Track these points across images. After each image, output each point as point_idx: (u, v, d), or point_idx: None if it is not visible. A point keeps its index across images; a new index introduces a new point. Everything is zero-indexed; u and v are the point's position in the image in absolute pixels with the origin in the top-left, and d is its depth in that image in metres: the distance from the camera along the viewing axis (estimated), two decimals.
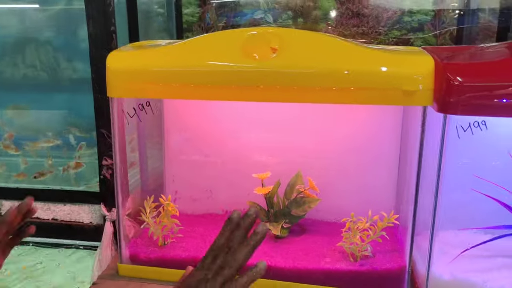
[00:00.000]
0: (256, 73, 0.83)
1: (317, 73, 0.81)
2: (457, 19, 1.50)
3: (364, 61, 0.81)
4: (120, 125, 0.91)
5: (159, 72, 0.85)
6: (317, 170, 1.07)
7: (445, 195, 0.85)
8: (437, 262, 0.88)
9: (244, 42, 0.84)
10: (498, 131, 0.82)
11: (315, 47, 0.84)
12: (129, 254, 0.99)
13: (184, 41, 0.90)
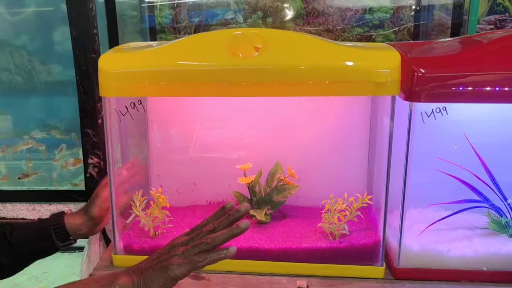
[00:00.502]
0: (241, 70, 0.90)
1: (296, 68, 0.89)
2: (413, 16, 1.62)
3: (340, 57, 0.89)
4: (112, 123, 0.96)
5: (150, 72, 0.91)
6: (295, 159, 1.15)
7: (412, 176, 0.95)
8: (407, 236, 0.99)
9: (229, 42, 0.91)
10: (456, 115, 0.93)
11: (294, 45, 0.92)
12: (122, 245, 1.04)
13: (173, 42, 0.96)
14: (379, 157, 1.07)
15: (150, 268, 0.70)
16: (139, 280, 0.69)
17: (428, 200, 1.05)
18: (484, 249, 0.97)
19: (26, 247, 0.98)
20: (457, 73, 0.86)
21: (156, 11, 1.63)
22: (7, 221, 1.28)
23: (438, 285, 0.95)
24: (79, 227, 1.01)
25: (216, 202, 1.24)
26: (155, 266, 0.70)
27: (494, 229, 1.03)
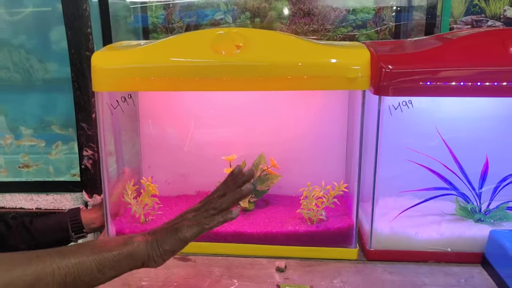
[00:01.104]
0: (223, 67, 0.97)
1: (275, 65, 0.96)
2: (394, 17, 1.69)
3: (315, 54, 0.97)
4: (104, 116, 1.03)
5: (139, 68, 0.99)
6: (277, 151, 1.22)
7: (382, 166, 1.03)
8: (379, 221, 1.06)
9: (213, 40, 0.99)
10: (420, 108, 1.01)
11: (273, 43, 1.00)
12: (115, 230, 1.11)
13: (161, 40, 1.04)
14: (354, 148, 1.15)
15: (162, 230, 0.77)
16: (152, 240, 0.75)
17: (401, 189, 1.13)
18: (450, 232, 1.05)
19: (44, 237, 1.08)
20: (422, 68, 0.94)
21: (149, 11, 1.70)
22: (6, 210, 1.35)
23: (407, 265, 1.03)
24: (93, 220, 1.14)
25: (204, 191, 1.31)
26: (168, 229, 0.77)
27: (461, 215, 1.11)
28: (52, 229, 1.10)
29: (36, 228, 1.09)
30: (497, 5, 1.63)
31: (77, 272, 0.67)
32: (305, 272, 1.00)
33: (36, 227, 1.09)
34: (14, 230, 1.07)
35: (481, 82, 0.94)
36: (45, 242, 1.09)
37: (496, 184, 1.10)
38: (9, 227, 1.07)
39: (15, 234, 1.06)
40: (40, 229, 1.09)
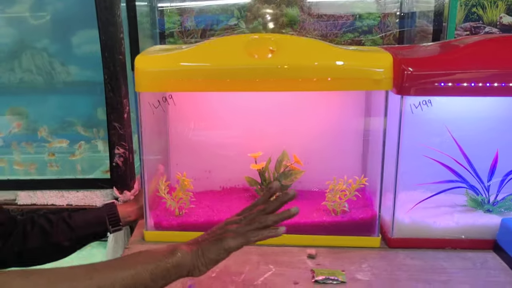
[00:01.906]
0: (257, 69, 1.06)
1: (306, 67, 1.05)
2: (398, 23, 1.80)
3: (343, 58, 1.06)
4: (145, 115, 1.11)
5: (180, 70, 1.06)
6: (298, 148, 1.31)
7: (403, 161, 1.12)
8: (399, 212, 1.15)
9: (247, 44, 1.07)
10: (440, 108, 1.11)
11: (303, 48, 1.09)
12: (153, 222, 1.18)
13: (199, 44, 1.12)
14: (373, 145, 1.24)
15: (206, 240, 0.81)
16: (197, 249, 0.78)
17: (417, 182, 1.22)
18: (464, 221, 1.14)
19: (83, 231, 1.12)
20: (440, 71, 1.03)
21: (166, 17, 1.77)
22: (38, 207, 1.41)
23: (426, 251, 1.12)
24: (129, 214, 1.20)
25: (228, 187, 1.39)
26: (212, 239, 0.80)
27: (472, 206, 1.21)
28: (91, 224, 1.15)
29: (76, 223, 1.13)
30: (493, 13, 1.75)
31: (133, 283, 0.70)
32: (334, 258, 1.09)
33: (75, 222, 1.13)
34: (56, 227, 1.10)
35: (492, 83, 1.04)
36: (85, 236, 1.14)
37: (502, 177, 1.20)
38: (51, 223, 1.11)
39: (58, 231, 1.10)
40: (79, 224, 1.13)
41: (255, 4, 1.77)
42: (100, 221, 1.16)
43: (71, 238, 1.12)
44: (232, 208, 1.24)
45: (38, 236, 1.07)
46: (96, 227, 1.16)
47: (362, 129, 1.32)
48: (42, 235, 1.08)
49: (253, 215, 0.84)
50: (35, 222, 1.09)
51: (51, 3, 1.63)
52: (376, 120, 1.22)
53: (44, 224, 1.10)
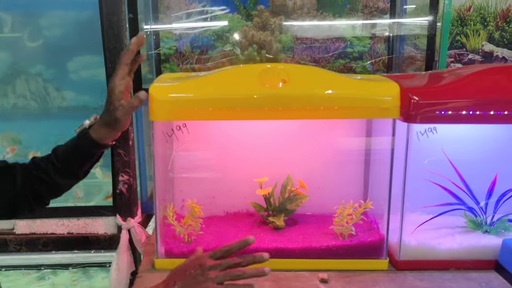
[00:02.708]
0: (269, 98, 1.09)
1: (317, 96, 1.09)
2: (387, 50, 1.87)
3: (352, 88, 1.10)
4: (159, 144, 1.11)
5: (194, 99, 1.08)
6: (302, 174, 1.34)
7: (408, 185, 1.16)
8: (405, 234, 1.19)
9: (260, 74, 1.10)
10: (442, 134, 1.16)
11: (313, 78, 1.13)
12: (164, 250, 1.18)
13: (211, 73, 1.14)
14: (377, 169, 1.29)
15: (188, 287, 0.83)
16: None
17: (418, 205, 1.26)
18: (466, 242, 1.19)
19: (73, 166, 1.04)
20: (446, 100, 1.09)
21: (162, 42, 1.79)
22: (37, 236, 1.38)
23: (432, 273, 1.16)
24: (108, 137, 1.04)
25: (232, 212, 1.40)
26: (194, 286, 0.83)
27: (471, 227, 1.26)
28: (75, 159, 1.04)
29: (62, 163, 1.03)
30: (476, 41, 1.85)
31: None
32: (345, 282, 1.11)
33: (61, 161, 1.03)
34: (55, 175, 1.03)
35: (491, 111, 1.10)
36: (79, 167, 1.06)
37: (497, 198, 1.26)
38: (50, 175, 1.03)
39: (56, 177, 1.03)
40: (66, 161, 1.03)
41: (250, 31, 1.81)
42: (86, 154, 1.04)
43: (76, 176, 1.07)
44: (241, 233, 1.25)
45: (46, 188, 1.04)
46: (87, 158, 1.05)
47: (363, 155, 1.36)
48: (49, 186, 1.04)
49: (230, 264, 0.87)
50: (35, 177, 1.03)
51: (48, 28, 1.62)
52: (380, 146, 1.26)
53: (45, 178, 1.03)
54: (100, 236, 1.40)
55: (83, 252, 1.41)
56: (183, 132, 1.17)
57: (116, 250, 1.35)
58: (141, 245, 1.37)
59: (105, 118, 1.02)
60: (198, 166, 1.36)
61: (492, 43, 1.85)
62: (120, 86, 0.99)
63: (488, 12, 1.82)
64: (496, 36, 1.84)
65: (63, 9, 1.62)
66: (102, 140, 1.02)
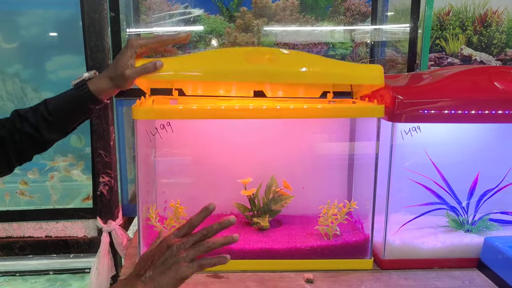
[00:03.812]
0: (253, 72, 1.08)
1: (303, 73, 1.08)
2: (369, 53, 1.89)
3: (340, 67, 1.12)
4: (142, 142, 1.09)
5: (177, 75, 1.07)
6: (286, 174, 1.33)
7: (392, 185, 1.16)
8: (388, 234, 1.20)
9: (245, 53, 1.09)
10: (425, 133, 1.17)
11: (300, 58, 1.12)
12: None
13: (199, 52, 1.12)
14: (362, 169, 1.29)
15: (160, 274, 0.77)
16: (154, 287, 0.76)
17: (401, 205, 1.27)
18: (449, 241, 1.20)
19: (65, 120, 1.03)
20: (426, 99, 1.10)
21: None
22: (14, 239, 1.34)
23: (416, 272, 1.16)
24: (106, 92, 1.04)
25: (216, 214, 1.38)
26: (166, 271, 0.77)
27: (453, 227, 1.27)
28: (70, 112, 1.04)
29: (54, 116, 1.02)
30: (455, 45, 1.88)
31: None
32: (331, 282, 1.11)
33: (54, 114, 1.01)
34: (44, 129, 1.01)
35: (473, 111, 1.11)
36: (71, 122, 1.06)
37: (478, 198, 1.27)
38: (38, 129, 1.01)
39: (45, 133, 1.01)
40: (58, 115, 1.02)
41: (233, 33, 1.80)
42: (81, 108, 1.04)
43: (64, 131, 1.06)
44: (223, 234, 1.23)
45: (32, 143, 1.01)
46: (80, 113, 1.05)
47: (347, 154, 1.36)
48: (36, 141, 1.01)
49: (196, 238, 0.82)
50: (20, 131, 1.00)
51: (26, 27, 1.58)
52: (364, 145, 1.27)
53: (33, 132, 1.01)
54: (79, 240, 1.36)
55: (61, 257, 1.36)
56: (167, 131, 1.15)
57: (97, 253, 1.32)
58: (123, 248, 1.34)
59: (109, 72, 1.03)
60: (182, 166, 1.34)
61: (470, 47, 1.89)
62: (141, 43, 1.02)
63: (466, 16, 1.86)
64: (475, 40, 1.88)
65: (43, 8, 1.59)
66: (100, 94, 1.02)
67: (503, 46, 1.88)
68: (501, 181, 1.25)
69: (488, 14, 1.85)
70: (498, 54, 1.88)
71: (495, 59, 1.90)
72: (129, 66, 1.01)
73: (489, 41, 1.87)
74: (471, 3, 1.85)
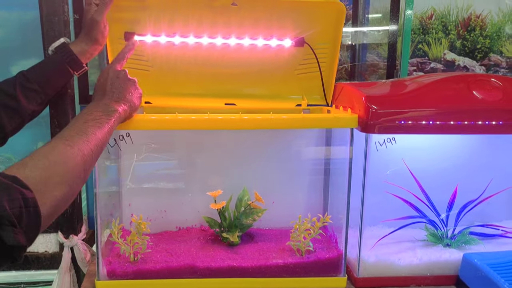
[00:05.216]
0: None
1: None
2: (350, 58, 1.84)
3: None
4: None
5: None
6: (258, 186, 1.27)
7: (368, 197, 1.11)
8: (363, 250, 1.14)
9: None
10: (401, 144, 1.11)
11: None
12: (106, 271, 1.08)
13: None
14: (336, 181, 1.23)
15: None
16: None
17: (377, 219, 1.21)
18: (427, 257, 1.14)
19: (51, 89, 1.07)
20: (401, 109, 1.04)
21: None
22: None
23: None
24: (85, 53, 1.08)
25: (185, 228, 1.32)
26: None
27: (432, 241, 1.22)
28: (55, 79, 1.09)
29: (41, 86, 1.05)
30: (438, 49, 1.83)
31: None
32: None
33: (40, 84, 1.04)
34: (22, 99, 1.01)
35: (451, 121, 1.06)
36: (55, 91, 1.09)
37: (458, 210, 1.22)
38: (16, 99, 1.00)
39: (27, 102, 1.02)
40: (45, 84, 1.06)
41: None
42: (63, 73, 1.08)
43: (43, 101, 1.06)
44: (192, 251, 1.17)
45: (8, 116, 0.99)
46: (61, 79, 1.09)
47: (323, 166, 1.30)
48: (13, 113, 1.00)
49: None
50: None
51: None
52: (338, 156, 1.21)
53: (9, 102, 1.00)
54: (40, 255, 1.29)
55: (21, 271, 1.29)
56: (126, 142, 1.09)
57: (58, 269, 1.25)
58: (86, 264, 1.27)
59: (83, 31, 1.08)
60: (149, 177, 1.27)
61: (454, 51, 1.84)
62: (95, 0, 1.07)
63: (449, 20, 1.81)
64: (458, 45, 1.83)
65: (6, 9, 1.51)
66: (81, 54, 1.07)
67: (487, 51, 1.83)
68: (482, 193, 1.20)
69: (472, 18, 1.81)
70: (482, 59, 1.84)
71: (479, 64, 1.85)
72: (94, 10, 1.06)
73: (472, 45, 1.82)
74: (454, 6, 1.80)
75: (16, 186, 0.61)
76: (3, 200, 0.58)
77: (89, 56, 1.09)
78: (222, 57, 1.19)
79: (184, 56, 1.17)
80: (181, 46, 1.16)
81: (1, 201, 0.58)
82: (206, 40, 1.16)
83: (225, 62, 1.20)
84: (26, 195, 0.61)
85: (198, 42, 1.16)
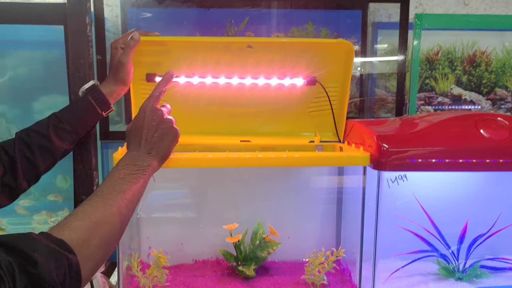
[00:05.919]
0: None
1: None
2: (358, 92, 1.89)
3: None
4: None
5: None
6: (273, 220, 1.30)
7: (380, 232, 1.14)
8: (377, 283, 1.16)
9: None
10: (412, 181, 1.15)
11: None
12: None
13: None
14: (349, 216, 1.26)
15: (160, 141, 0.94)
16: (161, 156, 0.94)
17: (388, 252, 1.24)
18: None
19: (82, 129, 1.12)
20: (413, 148, 1.08)
21: None
22: None
23: None
24: (113, 94, 1.13)
25: (201, 260, 1.35)
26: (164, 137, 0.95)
27: (444, 275, 1.24)
28: (85, 118, 1.13)
29: (72, 126, 1.09)
30: (445, 84, 1.88)
31: None
32: None
33: (72, 124, 1.09)
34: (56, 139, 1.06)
35: (460, 159, 1.10)
36: (85, 131, 1.14)
37: (469, 244, 1.25)
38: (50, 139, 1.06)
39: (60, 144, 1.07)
40: (75, 124, 1.10)
41: None
42: (93, 113, 1.12)
43: (74, 141, 1.11)
44: (209, 284, 1.20)
45: (42, 155, 1.04)
46: (91, 119, 1.14)
47: (335, 201, 1.34)
48: (46, 153, 1.05)
49: None
50: (29, 145, 1.04)
51: (13, 68, 1.58)
52: (351, 191, 1.25)
53: (44, 142, 1.05)
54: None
55: None
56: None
57: None
58: None
59: (110, 74, 1.14)
60: (167, 211, 1.32)
61: (460, 86, 1.89)
62: (119, 41, 1.13)
63: (455, 56, 1.86)
64: (464, 80, 1.88)
65: (30, 49, 1.58)
66: (110, 95, 1.12)
67: (492, 86, 1.88)
68: (491, 227, 1.23)
69: (477, 54, 1.86)
70: (488, 93, 1.88)
71: (485, 98, 1.90)
72: (120, 54, 1.10)
73: (478, 80, 1.87)
74: (459, 43, 1.85)
75: (63, 252, 0.62)
76: (51, 268, 0.59)
77: (116, 97, 1.14)
78: (238, 96, 1.24)
79: (202, 96, 1.22)
80: (199, 86, 1.21)
81: (49, 269, 0.59)
82: (223, 80, 1.21)
83: (241, 101, 1.24)
84: (71, 260, 0.63)
85: (215, 82, 1.21)
